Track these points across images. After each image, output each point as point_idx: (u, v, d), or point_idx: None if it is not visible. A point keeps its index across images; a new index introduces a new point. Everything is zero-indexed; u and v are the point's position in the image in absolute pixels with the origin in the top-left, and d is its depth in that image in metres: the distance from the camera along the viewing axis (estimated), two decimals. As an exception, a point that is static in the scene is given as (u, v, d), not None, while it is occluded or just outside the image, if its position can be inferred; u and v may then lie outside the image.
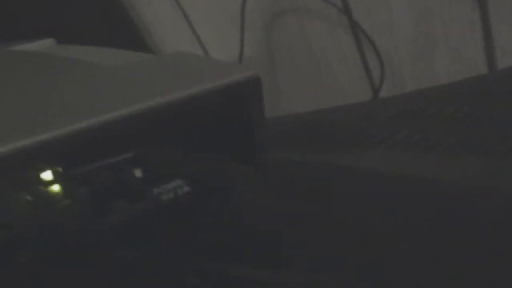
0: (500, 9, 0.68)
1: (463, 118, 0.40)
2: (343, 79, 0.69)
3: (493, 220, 0.27)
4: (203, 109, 0.25)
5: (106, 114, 0.23)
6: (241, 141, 0.27)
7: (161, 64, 0.29)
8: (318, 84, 0.69)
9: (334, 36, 0.68)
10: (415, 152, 0.38)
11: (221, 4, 0.64)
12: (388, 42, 0.68)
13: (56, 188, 0.22)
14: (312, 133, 0.40)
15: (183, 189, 0.25)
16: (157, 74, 0.28)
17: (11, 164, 0.21)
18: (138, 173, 0.24)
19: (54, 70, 0.31)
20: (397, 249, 0.25)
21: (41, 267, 0.21)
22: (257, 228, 0.27)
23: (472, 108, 0.41)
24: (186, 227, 0.25)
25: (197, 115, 0.25)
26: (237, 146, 0.27)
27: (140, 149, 0.24)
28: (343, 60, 0.68)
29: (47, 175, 0.22)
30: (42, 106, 0.25)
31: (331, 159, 0.36)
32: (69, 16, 0.47)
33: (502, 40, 0.69)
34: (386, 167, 0.35)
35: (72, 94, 0.26)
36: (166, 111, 0.24)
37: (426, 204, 0.29)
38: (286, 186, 0.28)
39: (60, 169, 0.22)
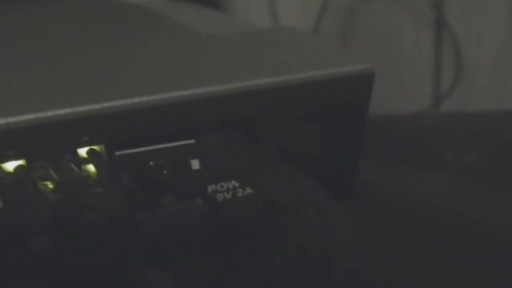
0: None
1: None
2: (410, 77, 0.65)
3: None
4: (301, 101, 0.20)
5: (179, 90, 0.18)
6: (332, 153, 0.22)
7: (267, 38, 0.25)
8: (383, 77, 0.65)
9: (416, 32, 0.63)
10: (482, 183, 0.34)
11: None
12: (470, 46, 0.63)
13: (88, 170, 0.18)
14: (377, 141, 0.37)
15: (244, 191, 0.20)
16: (260, 50, 0.23)
17: (41, 134, 0.17)
18: (195, 164, 0.20)
19: (149, 32, 0.27)
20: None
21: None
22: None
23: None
24: (244, 240, 0.20)
25: (289, 107, 0.20)
26: (325, 158, 0.22)
27: (204, 136, 0.19)
28: (415, 58, 0.64)
29: (83, 152, 0.18)
30: (112, 72, 0.21)
31: (395, 176, 0.32)
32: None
33: None
34: (451, 200, 0.31)
35: (150, 62, 0.22)
36: (256, 96, 0.19)
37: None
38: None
39: (100, 148, 0.18)
